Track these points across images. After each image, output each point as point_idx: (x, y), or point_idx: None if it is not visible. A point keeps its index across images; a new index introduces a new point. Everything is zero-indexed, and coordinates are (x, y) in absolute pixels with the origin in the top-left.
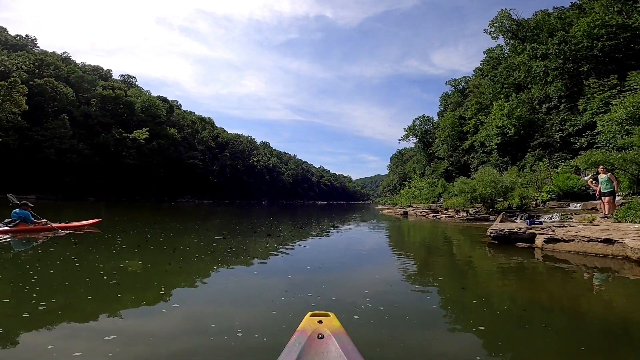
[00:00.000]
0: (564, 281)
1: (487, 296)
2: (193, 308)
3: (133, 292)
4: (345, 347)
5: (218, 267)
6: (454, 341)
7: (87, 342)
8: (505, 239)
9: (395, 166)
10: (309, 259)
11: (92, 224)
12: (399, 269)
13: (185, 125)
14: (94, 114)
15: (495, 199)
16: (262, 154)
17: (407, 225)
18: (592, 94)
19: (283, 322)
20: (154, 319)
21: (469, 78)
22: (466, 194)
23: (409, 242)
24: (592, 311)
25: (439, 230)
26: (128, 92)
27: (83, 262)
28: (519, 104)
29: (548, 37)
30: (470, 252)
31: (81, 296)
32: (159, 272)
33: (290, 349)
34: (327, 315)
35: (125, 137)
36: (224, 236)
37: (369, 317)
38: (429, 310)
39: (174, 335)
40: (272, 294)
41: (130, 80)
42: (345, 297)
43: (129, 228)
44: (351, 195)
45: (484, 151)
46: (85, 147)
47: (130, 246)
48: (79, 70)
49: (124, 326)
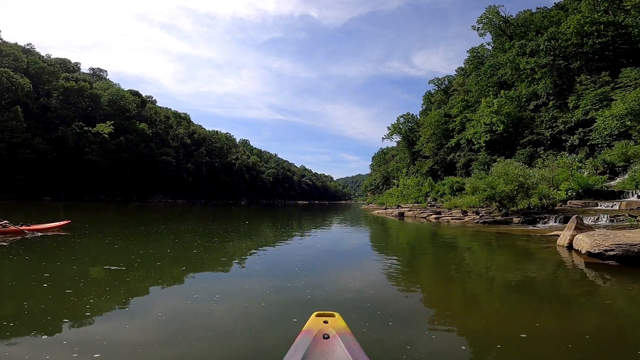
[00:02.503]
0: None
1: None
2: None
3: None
4: (351, 347)
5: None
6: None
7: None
8: (633, 260)
9: (378, 165)
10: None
11: (61, 227)
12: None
13: (158, 121)
14: (54, 107)
15: (517, 198)
16: (242, 152)
17: (419, 232)
18: (583, 91)
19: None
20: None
21: (452, 77)
22: (481, 192)
23: (460, 267)
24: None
25: (472, 240)
26: (94, 85)
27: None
28: (507, 100)
29: (535, 34)
30: (587, 290)
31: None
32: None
33: (296, 348)
34: (332, 316)
35: (86, 132)
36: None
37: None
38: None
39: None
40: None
41: (101, 74)
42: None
43: (97, 231)
44: (333, 195)
45: (470, 149)
46: (41, 142)
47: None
48: (41, 61)
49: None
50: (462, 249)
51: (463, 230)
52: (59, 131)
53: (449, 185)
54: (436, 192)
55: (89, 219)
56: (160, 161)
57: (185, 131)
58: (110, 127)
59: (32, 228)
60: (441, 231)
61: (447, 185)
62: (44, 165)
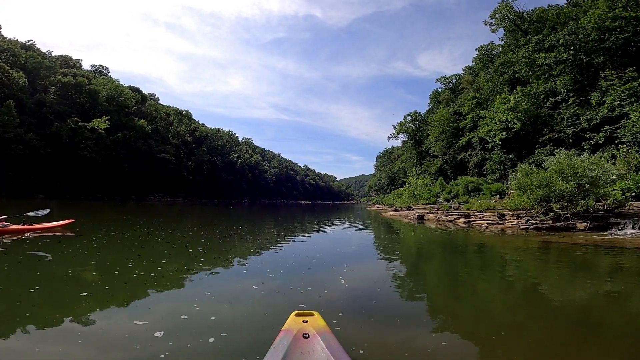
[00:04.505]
0: None
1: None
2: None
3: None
4: (331, 345)
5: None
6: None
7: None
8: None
9: (383, 165)
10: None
11: (64, 226)
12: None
13: (159, 118)
14: (50, 102)
15: (575, 198)
16: (244, 151)
17: (471, 245)
18: (609, 86)
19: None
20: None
21: (459, 76)
22: (535, 191)
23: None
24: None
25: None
26: (93, 81)
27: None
28: (524, 97)
29: (551, 30)
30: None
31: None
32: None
33: (276, 348)
34: (312, 315)
35: (81, 127)
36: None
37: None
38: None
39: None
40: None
41: (102, 71)
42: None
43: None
44: (336, 195)
45: (483, 147)
46: (35, 138)
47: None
48: (40, 57)
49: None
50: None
51: (524, 240)
52: (53, 126)
53: (463, 185)
54: (448, 192)
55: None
56: (159, 159)
57: (187, 129)
58: (107, 123)
59: (34, 227)
60: (496, 243)
61: (461, 186)
62: (37, 162)
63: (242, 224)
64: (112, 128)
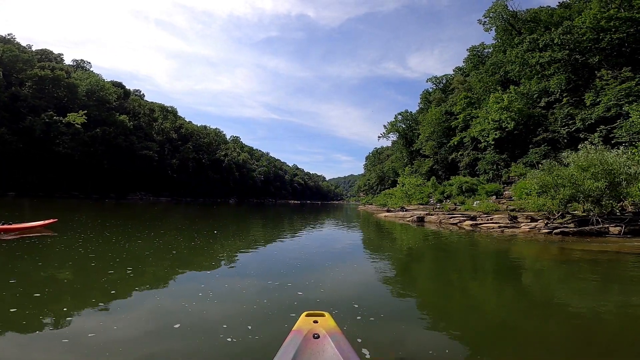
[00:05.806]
0: None
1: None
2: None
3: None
4: (341, 346)
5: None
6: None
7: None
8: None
9: (372, 165)
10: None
11: (46, 225)
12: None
13: (142, 114)
14: (24, 96)
15: (603, 198)
16: (232, 149)
17: (499, 259)
18: (604, 86)
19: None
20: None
21: (450, 76)
22: (561, 190)
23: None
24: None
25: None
26: (73, 75)
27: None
28: (517, 96)
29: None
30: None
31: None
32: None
33: (286, 349)
34: (322, 315)
35: (56, 122)
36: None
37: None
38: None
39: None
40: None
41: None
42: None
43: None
44: (325, 195)
45: (475, 147)
46: (7, 132)
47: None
48: (17, 50)
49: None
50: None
51: (560, 249)
52: (26, 121)
53: (457, 185)
54: (440, 192)
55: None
56: (142, 155)
57: (172, 125)
58: (83, 117)
59: (13, 227)
60: (530, 253)
61: (454, 186)
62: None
63: (217, 229)
64: (90, 123)
